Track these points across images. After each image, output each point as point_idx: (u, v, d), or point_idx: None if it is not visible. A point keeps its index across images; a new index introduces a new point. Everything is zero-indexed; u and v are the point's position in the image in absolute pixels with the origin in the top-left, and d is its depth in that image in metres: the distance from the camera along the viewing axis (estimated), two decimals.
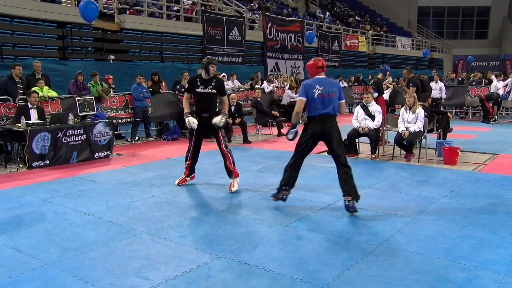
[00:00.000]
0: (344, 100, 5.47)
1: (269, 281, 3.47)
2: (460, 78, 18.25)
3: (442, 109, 13.90)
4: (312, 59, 5.56)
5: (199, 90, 6.20)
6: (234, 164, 6.30)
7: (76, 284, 3.45)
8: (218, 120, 6.10)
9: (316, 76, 5.37)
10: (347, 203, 5.07)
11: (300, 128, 5.52)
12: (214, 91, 6.21)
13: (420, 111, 7.99)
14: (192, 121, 6.14)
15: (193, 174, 6.64)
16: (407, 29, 37.83)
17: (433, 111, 9.35)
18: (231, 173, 6.26)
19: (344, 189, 5.13)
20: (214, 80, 6.27)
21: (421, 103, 8.48)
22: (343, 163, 5.24)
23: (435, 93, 13.71)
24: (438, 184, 6.47)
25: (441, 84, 14.70)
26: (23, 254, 4.05)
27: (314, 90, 5.20)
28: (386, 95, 13.16)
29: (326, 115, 5.23)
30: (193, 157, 6.46)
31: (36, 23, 12.27)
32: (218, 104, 6.42)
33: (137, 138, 10.97)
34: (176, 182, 6.49)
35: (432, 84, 13.89)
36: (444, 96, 14.71)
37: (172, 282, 3.47)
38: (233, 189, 6.13)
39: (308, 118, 5.37)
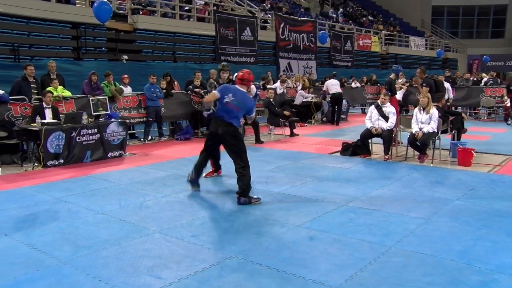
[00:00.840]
0: (252, 115, 6.18)
1: (280, 282, 3.47)
2: (475, 78, 18.04)
3: (452, 109, 13.73)
4: (240, 71, 6.02)
5: None
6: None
7: (89, 282, 3.49)
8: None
9: (237, 85, 5.88)
10: (237, 199, 5.55)
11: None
12: None
13: (434, 112, 7.92)
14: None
15: (220, 170, 7.05)
16: (420, 29, 37.50)
17: (447, 111, 9.26)
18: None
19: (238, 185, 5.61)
20: None
21: (435, 104, 8.40)
22: (236, 167, 5.68)
23: None
24: (452, 185, 6.40)
25: (447, 85, 14.34)
26: (38, 251, 4.10)
27: (225, 96, 5.70)
28: (399, 96, 13.07)
29: (224, 121, 5.68)
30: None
31: (51, 24, 12.41)
32: None
33: (149, 137, 11.04)
34: (203, 174, 6.49)
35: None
36: (451, 96, 14.36)
37: (184, 282, 3.48)
38: None
39: (212, 116, 5.95)
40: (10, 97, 8.63)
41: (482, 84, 16.63)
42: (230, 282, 3.48)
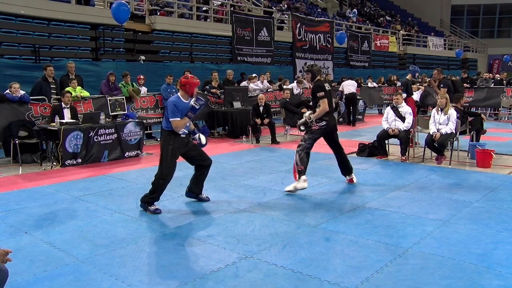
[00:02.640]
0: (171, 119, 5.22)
1: (296, 283, 3.46)
2: (499, 78, 17.73)
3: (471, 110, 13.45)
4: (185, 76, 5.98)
5: None
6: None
7: (106, 281, 3.53)
8: None
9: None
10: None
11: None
12: None
13: (452, 113, 7.81)
14: None
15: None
16: (439, 28, 37.03)
17: (466, 112, 9.12)
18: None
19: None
20: None
21: (453, 104, 8.28)
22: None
23: None
24: (471, 187, 6.30)
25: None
26: (57, 249, 4.16)
27: None
28: (416, 96, 12.92)
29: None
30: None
31: (71, 25, 12.60)
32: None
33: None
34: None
35: None
36: None
37: (200, 281, 3.49)
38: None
39: None
40: (30, 97, 8.80)
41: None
42: (246, 282, 3.48)
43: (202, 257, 3.95)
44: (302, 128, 6.27)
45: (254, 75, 14.08)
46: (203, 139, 5.65)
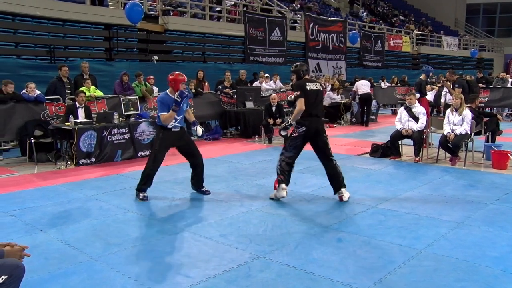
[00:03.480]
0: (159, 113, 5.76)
1: (308, 283, 3.45)
2: None
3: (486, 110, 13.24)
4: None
5: None
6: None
7: (119, 279, 3.55)
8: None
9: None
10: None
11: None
12: None
13: (467, 113, 7.72)
14: None
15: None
16: (454, 28, 36.60)
17: (481, 113, 9.01)
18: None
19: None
20: None
21: (468, 105, 8.19)
22: None
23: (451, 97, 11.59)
24: (486, 188, 6.22)
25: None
26: (71, 247, 4.21)
27: None
28: (430, 96, 12.80)
29: None
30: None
31: (85, 25, 12.72)
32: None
33: None
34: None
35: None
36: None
37: (212, 281, 3.51)
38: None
39: None
40: (45, 97, 8.91)
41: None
42: (258, 282, 3.48)
43: (214, 257, 3.96)
44: (282, 133, 5.89)
45: (266, 75, 14.08)
46: (199, 130, 6.00)
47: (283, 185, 5.64)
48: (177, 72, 5.88)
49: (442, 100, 11.11)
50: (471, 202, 5.53)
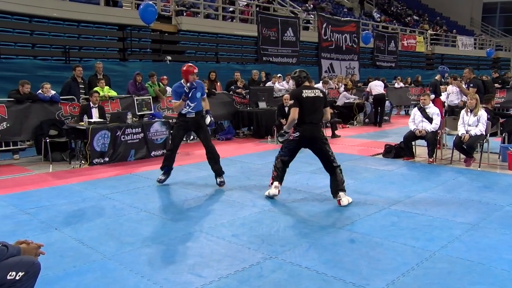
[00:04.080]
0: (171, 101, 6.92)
1: (321, 284, 3.44)
2: None
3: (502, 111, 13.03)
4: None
5: None
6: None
7: (132, 278, 3.58)
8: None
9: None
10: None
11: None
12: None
13: (483, 114, 7.62)
14: None
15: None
16: (469, 27, 36.14)
17: (497, 113, 8.89)
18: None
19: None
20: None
21: (484, 105, 8.09)
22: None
23: (452, 98, 10.44)
24: (502, 190, 6.13)
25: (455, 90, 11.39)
26: (85, 246, 4.26)
27: None
28: (445, 97, 12.65)
29: None
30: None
31: (99, 26, 12.84)
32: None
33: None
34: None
35: (449, 88, 10.69)
36: (464, 99, 12.76)
37: (224, 280, 3.51)
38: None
39: None
40: (60, 97, 9.02)
41: None
42: (270, 282, 3.48)
43: (227, 257, 3.97)
44: (280, 139, 6.02)
45: (279, 75, 14.07)
46: (207, 119, 6.48)
47: (276, 183, 5.80)
48: (188, 64, 6.57)
49: (443, 98, 10.73)
50: (486, 204, 5.46)
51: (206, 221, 4.95)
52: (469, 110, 7.75)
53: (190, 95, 6.28)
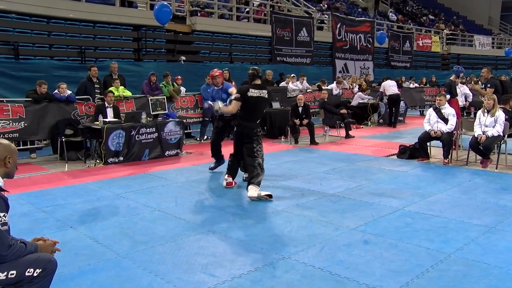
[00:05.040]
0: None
1: (334, 285, 3.42)
2: None
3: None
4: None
5: None
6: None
7: (146, 276, 3.60)
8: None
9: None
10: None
11: None
12: None
13: (500, 114, 7.50)
14: None
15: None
16: (487, 26, 35.64)
17: None
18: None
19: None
20: None
21: (502, 106, 7.96)
22: None
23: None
24: None
25: (465, 90, 11.67)
26: (99, 244, 4.30)
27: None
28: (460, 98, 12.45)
29: None
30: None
31: (115, 27, 12.99)
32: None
33: (205, 137, 11.24)
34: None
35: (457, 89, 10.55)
36: (469, 99, 12.00)
37: (237, 280, 3.52)
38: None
39: None
40: (76, 97, 9.13)
41: None
42: (283, 282, 3.47)
43: (240, 257, 3.98)
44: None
45: (293, 75, 14.04)
46: (215, 105, 6.47)
47: (225, 175, 6.40)
48: (216, 69, 7.32)
49: (460, 100, 10.53)
50: (504, 207, 5.38)
51: (219, 221, 4.95)
52: (486, 110, 7.64)
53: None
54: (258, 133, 6.10)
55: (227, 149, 6.81)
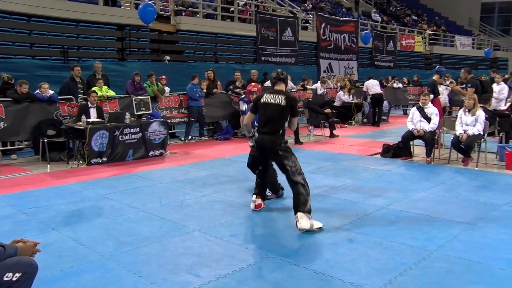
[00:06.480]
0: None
1: (319, 283, 3.44)
2: None
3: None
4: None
5: None
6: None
7: (131, 278, 3.58)
8: None
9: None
10: None
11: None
12: None
13: (481, 114, 7.63)
14: None
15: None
16: (467, 27, 36.20)
17: (495, 113, 8.90)
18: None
19: None
20: None
21: (482, 105, 8.09)
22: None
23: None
24: (500, 190, 6.14)
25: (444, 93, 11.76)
26: (83, 246, 4.25)
27: None
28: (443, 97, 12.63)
29: None
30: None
31: (98, 26, 12.83)
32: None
33: (190, 137, 11.20)
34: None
35: (441, 89, 10.78)
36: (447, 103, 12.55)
37: (222, 280, 3.51)
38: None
39: None
40: (59, 97, 9.01)
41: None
42: (269, 282, 3.48)
43: (225, 257, 3.97)
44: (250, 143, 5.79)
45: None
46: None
47: (254, 197, 5.38)
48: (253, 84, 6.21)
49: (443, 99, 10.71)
50: (484, 204, 5.47)
51: (204, 221, 4.94)
52: (467, 110, 7.76)
53: None
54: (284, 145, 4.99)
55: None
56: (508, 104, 9.93)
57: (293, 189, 4.77)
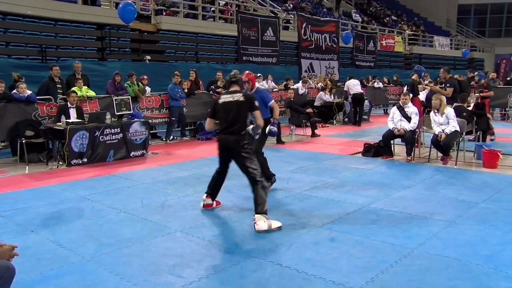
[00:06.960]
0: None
1: (301, 283, 3.46)
2: (509, 78, 17.63)
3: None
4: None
5: None
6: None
7: (112, 279, 3.54)
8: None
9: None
10: None
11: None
12: None
13: (449, 111, 7.78)
14: None
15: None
16: (445, 28, 36.85)
17: (472, 112, 9.08)
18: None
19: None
20: None
21: (460, 104, 8.24)
22: None
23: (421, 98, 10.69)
24: (477, 188, 6.27)
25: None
26: (63, 248, 4.19)
27: None
28: (422, 96, 12.83)
29: None
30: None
31: (77, 25, 12.65)
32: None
33: (171, 137, 11.13)
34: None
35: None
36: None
37: (205, 281, 3.50)
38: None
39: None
40: (37, 97, 8.85)
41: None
42: (251, 282, 3.48)
43: (207, 257, 3.96)
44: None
45: (259, 74, 14.08)
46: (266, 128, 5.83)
47: (204, 196, 5.41)
48: (247, 72, 6.17)
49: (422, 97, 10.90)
50: (462, 201, 5.57)
51: (186, 222, 4.92)
52: (436, 110, 7.91)
53: None
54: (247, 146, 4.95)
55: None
56: (472, 105, 10.10)
57: (253, 191, 4.83)
